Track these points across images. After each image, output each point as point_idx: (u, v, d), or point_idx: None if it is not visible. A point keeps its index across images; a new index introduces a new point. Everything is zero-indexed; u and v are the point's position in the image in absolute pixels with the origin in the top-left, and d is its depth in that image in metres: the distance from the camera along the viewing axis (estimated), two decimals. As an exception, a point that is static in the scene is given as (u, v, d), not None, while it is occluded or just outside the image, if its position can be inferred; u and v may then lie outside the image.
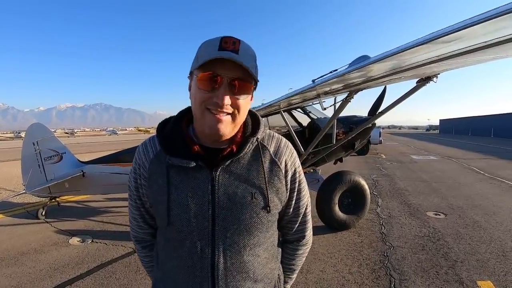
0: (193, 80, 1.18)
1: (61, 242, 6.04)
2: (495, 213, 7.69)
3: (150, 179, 1.31)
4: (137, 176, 1.37)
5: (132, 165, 1.40)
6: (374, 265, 4.93)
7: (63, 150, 7.33)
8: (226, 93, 1.12)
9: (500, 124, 63.16)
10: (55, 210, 8.02)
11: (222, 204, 1.20)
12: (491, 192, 10.23)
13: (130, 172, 1.41)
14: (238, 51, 1.09)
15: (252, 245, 1.27)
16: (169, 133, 1.30)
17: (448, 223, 6.95)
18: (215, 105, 1.13)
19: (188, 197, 1.21)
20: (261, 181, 1.27)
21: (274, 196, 1.29)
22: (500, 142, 42.32)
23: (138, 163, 1.36)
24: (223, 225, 1.20)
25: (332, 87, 4.69)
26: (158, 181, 1.27)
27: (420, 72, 3.73)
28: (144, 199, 1.39)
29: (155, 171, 1.29)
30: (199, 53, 1.15)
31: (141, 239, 1.55)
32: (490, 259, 5.14)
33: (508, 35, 1.92)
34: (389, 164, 17.54)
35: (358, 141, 7.57)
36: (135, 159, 1.38)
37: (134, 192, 1.40)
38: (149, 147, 1.36)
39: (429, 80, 4.06)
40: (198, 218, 1.20)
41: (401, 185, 11.26)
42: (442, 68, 3.57)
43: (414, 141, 46.00)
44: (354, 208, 6.49)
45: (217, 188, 1.21)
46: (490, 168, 15.79)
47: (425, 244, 5.69)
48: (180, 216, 1.21)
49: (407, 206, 8.38)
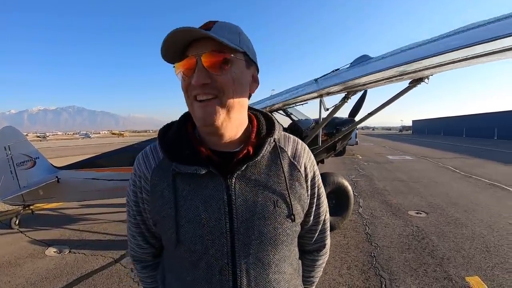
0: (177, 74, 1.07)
1: (36, 254, 5.74)
2: (474, 210, 7.80)
3: (153, 192, 1.12)
4: (136, 190, 1.18)
5: (131, 177, 1.21)
6: (363, 266, 4.88)
7: (36, 155, 7.02)
8: (200, 71, 0.97)
9: (472, 124, 64.81)
10: (29, 218, 7.64)
11: (241, 216, 1.04)
12: (468, 190, 10.40)
13: (129, 185, 1.22)
14: (211, 29, 0.98)
15: (277, 261, 1.10)
16: (173, 138, 1.14)
17: (430, 221, 7.00)
18: (194, 88, 0.99)
19: (201, 210, 1.03)
20: (282, 187, 1.12)
21: (297, 203, 1.14)
22: (472, 141, 43.34)
23: (138, 174, 1.17)
24: (244, 241, 1.04)
25: (336, 89, 4.64)
26: (164, 193, 1.09)
27: (417, 74, 3.73)
28: (145, 215, 1.19)
29: (159, 182, 1.11)
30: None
31: (140, 259, 1.34)
32: (475, 254, 5.19)
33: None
34: (366, 164, 17.70)
35: (340, 142, 7.56)
36: (134, 170, 1.19)
37: (133, 208, 1.21)
38: (150, 156, 1.18)
39: (421, 81, 4.06)
40: (214, 234, 1.02)
41: (380, 185, 11.35)
42: (436, 70, 3.58)
43: (388, 141, 46.73)
44: (338, 209, 6.44)
45: (234, 197, 1.05)
46: (465, 166, 16.10)
47: (410, 243, 5.70)
48: (192, 233, 1.03)
49: (389, 205, 8.41)
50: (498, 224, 6.69)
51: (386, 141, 46.81)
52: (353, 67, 4.22)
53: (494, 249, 5.40)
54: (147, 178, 1.15)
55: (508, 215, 7.34)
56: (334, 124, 7.37)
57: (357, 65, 4.09)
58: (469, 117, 70.31)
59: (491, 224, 6.70)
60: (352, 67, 4.27)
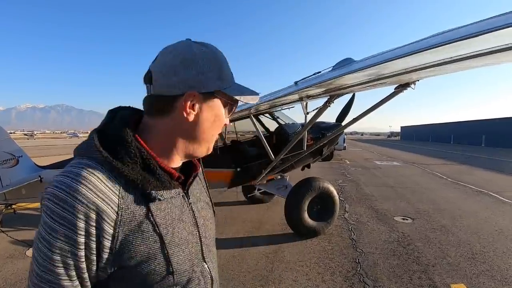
0: (218, 103, 1.03)
1: (17, 254, 5.62)
2: (461, 217, 7.78)
3: (125, 233, 0.89)
4: (89, 240, 0.85)
5: (67, 227, 0.82)
6: (347, 272, 4.80)
7: (19, 154, 6.83)
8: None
9: (460, 131, 65.47)
10: (11, 218, 7.45)
11: (201, 224, 1.12)
12: (455, 196, 10.42)
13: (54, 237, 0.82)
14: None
15: (215, 250, 1.25)
16: (134, 158, 0.91)
17: (416, 227, 6.94)
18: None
19: (182, 230, 1.02)
20: (205, 190, 1.28)
21: (212, 201, 1.30)
22: (460, 148, 43.77)
23: (88, 217, 0.83)
24: (205, 242, 1.12)
25: (316, 91, 4.55)
26: (141, 229, 0.91)
27: (401, 78, 3.65)
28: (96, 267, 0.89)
29: (131, 218, 0.90)
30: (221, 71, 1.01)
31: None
32: (461, 262, 5.15)
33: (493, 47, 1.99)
34: (353, 169, 17.69)
35: (326, 147, 7.48)
36: (75, 212, 0.82)
37: (71, 263, 0.84)
38: (101, 187, 0.86)
39: (407, 86, 3.98)
40: (195, 246, 1.06)
41: (367, 191, 11.31)
42: (422, 75, 3.51)
43: (376, 147, 47.03)
44: (323, 214, 6.37)
45: (194, 208, 1.11)
46: (453, 173, 16.17)
47: (395, 249, 5.63)
48: (182, 256, 1.00)
49: (375, 211, 8.35)
50: (485, 231, 6.67)
51: (375, 147, 47.11)
52: (335, 70, 4.13)
53: (480, 256, 5.36)
54: (111, 218, 0.86)
55: (494, 222, 7.34)
56: (320, 128, 7.29)
57: (339, 68, 4.00)
58: (457, 124, 71.14)
59: (478, 231, 6.67)
60: (334, 69, 4.18)
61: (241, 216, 7.94)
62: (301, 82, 4.64)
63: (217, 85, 0.98)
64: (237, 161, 6.91)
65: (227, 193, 9.77)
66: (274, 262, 5.14)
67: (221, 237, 6.34)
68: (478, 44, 1.90)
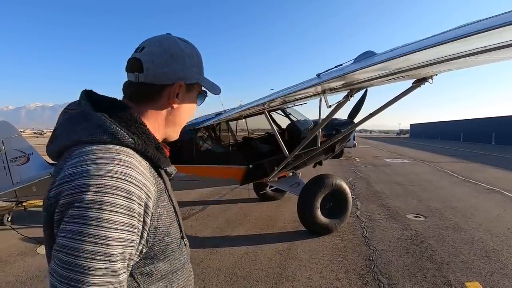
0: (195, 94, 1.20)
1: (28, 251, 5.65)
2: (473, 215, 7.74)
3: (156, 207, 0.92)
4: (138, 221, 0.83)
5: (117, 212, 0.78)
6: (360, 270, 4.80)
7: (30, 151, 6.88)
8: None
9: (469, 129, 64.88)
10: (22, 215, 7.50)
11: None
12: (466, 194, 10.36)
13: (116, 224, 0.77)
14: None
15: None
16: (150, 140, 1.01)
17: (428, 225, 6.92)
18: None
19: (173, 199, 1.11)
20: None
21: None
22: (469, 146, 43.36)
23: (141, 198, 0.84)
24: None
25: (338, 84, 4.50)
26: (164, 202, 0.99)
27: (420, 72, 3.63)
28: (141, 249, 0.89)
29: (159, 193, 0.96)
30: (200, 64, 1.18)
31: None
32: (475, 260, 5.12)
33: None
34: (363, 167, 17.64)
35: (339, 144, 7.46)
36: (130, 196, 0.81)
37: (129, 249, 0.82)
38: (141, 167, 0.90)
39: (425, 81, 3.97)
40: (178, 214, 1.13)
41: (377, 188, 11.28)
42: (440, 69, 3.49)
43: (386, 144, 46.73)
44: (336, 212, 6.36)
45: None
46: (463, 171, 16.06)
47: (409, 247, 5.62)
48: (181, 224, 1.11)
49: (386, 208, 8.34)
50: (497, 229, 6.63)
51: (384, 144, 46.84)
52: (356, 62, 4.11)
53: (494, 254, 5.33)
54: (153, 195, 0.90)
55: (507, 220, 7.30)
56: (334, 125, 7.26)
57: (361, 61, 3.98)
58: (467, 121, 70.43)
59: (490, 229, 6.63)
60: (355, 63, 4.16)
61: (253, 213, 7.95)
62: (323, 75, 4.61)
63: (197, 78, 1.14)
64: (249, 158, 6.91)
65: (239, 190, 9.80)
66: (287, 260, 5.15)
67: (234, 234, 6.38)
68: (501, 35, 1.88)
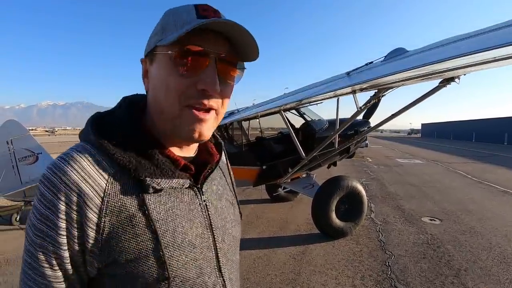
0: (160, 61, 0.83)
1: (36, 252, 5.61)
2: (489, 219, 7.59)
3: (112, 224, 0.79)
4: (70, 226, 0.76)
5: (48, 207, 0.76)
6: (377, 276, 4.70)
7: (39, 150, 6.89)
8: (216, 75, 0.81)
9: (482, 129, 64.34)
10: (30, 215, 7.51)
11: (217, 224, 0.96)
12: (481, 196, 10.19)
13: (43, 222, 0.76)
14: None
15: (238, 260, 1.09)
16: (130, 141, 0.85)
17: (445, 229, 6.79)
18: (200, 96, 0.81)
19: (187, 230, 0.88)
20: (231, 187, 1.14)
21: (238, 201, 1.17)
22: (482, 146, 42.93)
23: (72, 201, 0.76)
24: (223, 248, 0.96)
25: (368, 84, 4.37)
26: (133, 222, 0.80)
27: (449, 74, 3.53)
28: (82, 260, 0.80)
29: (121, 208, 0.80)
30: (166, 24, 0.84)
31: None
32: (493, 266, 5.01)
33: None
34: (376, 167, 17.49)
35: (353, 144, 7.35)
36: (57, 193, 0.76)
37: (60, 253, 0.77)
38: (90, 169, 0.80)
39: (452, 80, 3.86)
40: (204, 252, 0.90)
41: (391, 189, 11.15)
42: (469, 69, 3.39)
43: (397, 144, 46.52)
44: (351, 214, 6.26)
45: (209, 206, 0.96)
46: (477, 172, 15.84)
47: (425, 252, 5.51)
48: (184, 260, 0.85)
49: (401, 211, 8.22)
50: (515, 234, 6.48)
51: (395, 144, 46.64)
52: (387, 62, 3.99)
53: (512, 261, 5.19)
54: (94, 203, 0.78)
55: (524, 225, 7.12)
56: (352, 125, 7.10)
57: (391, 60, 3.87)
58: (479, 121, 69.84)
59: (507, 234, 6.50)
60: (387, 61, 4.04)
61: (266, 215, 7.87)
62: (354, 74, 4.50)
63: (155, 40, 0.84)
64: (263, 158, 6.83)
65: (250, 191, 9.72)
66: (302, 264, 5.08)
67: (246, 237, 6.30)
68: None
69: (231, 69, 0.86)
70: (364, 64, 4.39)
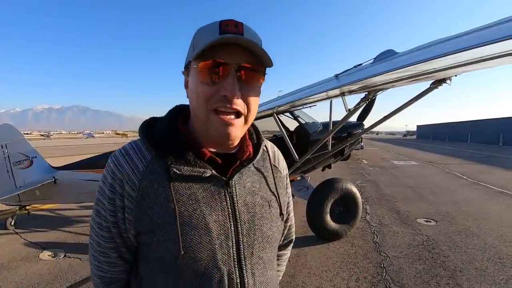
0: (192, 73, 0.99)
1: (31, 257, 5.54)
2: (484, 219, 7.59)
3: (142, 198, 0.99)
4: (115, 197, 1.01)
5: (104, 182, 1.04)
6: (372, 278, 4.66)
7: (33, 154, 6.84)
8: (235, 83, 0.93)
9: (477, 130, 64.69)
10: (25, 219, 7.44)
11: (243, 218, 1.05)
12: (477, 197, 10.19)
13: (100, 192, 1.05)
14: (243, 34, 0.93)
15: (272, 258, 1.17)
16: (165, 136, 1.05)
17: (440, 230, 6.78)
18: (224, 101, 0.94)
19: (206, 214, 0.99)
20: (272, 188, 1.19)
21: (283, 203, 1.23)
22: (477, 147, 43.16)
23: (118, 178, 1.01)
24: (248, 242, 1.05)
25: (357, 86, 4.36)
26: (159, 199, 0.98)
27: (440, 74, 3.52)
28: (123, 227, 1.04)
29: (151, 187, 0.99)
30: (196, 41, 0.98)
31: (112, 280, 1.16)
32: (489, 266, 4.99)
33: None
34: (371, 169, 17.51)
35: (347, 147, 7.34)
36: (111, 173, 1.03)
37: (107, 219, 1.04)
38: (134, 156, 1.04)
39: (444, 82, 3.85)
40: (221, 238, 1.00)
41: (387, 191, 11.15)
42: (461, 70, 3.37)
43: (392, 146, 46.67)
44: (346, 217, 6.24)
45: (236, 199, 1.05)
46: (472, 173, 15.90)
47: (421, 253, 5.49)
48: (198, 240, 0.97)
49: (396, 213, 8.20)
50: (510, 234, 6.49)
51: (391, 146, 46.79)
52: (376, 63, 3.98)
53: (508, 261, 5.19)
54: (133, 182, 1.00)
55: (519, 225, 7.13)
56: (345, 128, 7.11)
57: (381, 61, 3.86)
58: (474, 122, 70.27)
59: (503, 234, 6.49)
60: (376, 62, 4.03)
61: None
62: (342, 76, 4.49)
63: (189, 56, 1.01)
64: None
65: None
66: (296, 267, 5.04)
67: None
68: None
69: (253, 75, 0.97)
70: (353, 66, 4.39)
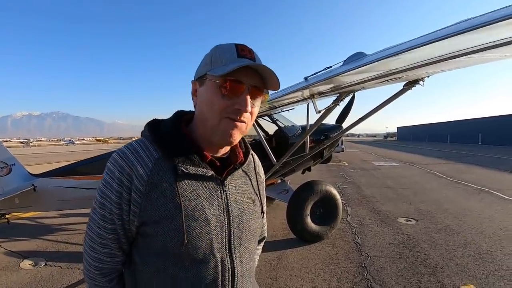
0: (208, 84, 1.12)
1: (11, 266, 5.40)
2: (465, 216, 7.69)
3: (150, 192, 1.10)
4: (123, 190, 1.10)
5: (111, 177, 1.12)
6: (353, 278, 4.65)
7: (12, 162, 6.67)
8: (248, 99, 1.10)
9: (456, 130, 65.79)
10: (5, 228, 7.26)
11: (235, 213, 1.21)
12: (457, 195, 10.34)
13: (106, 185, 1.13)
14: (255, 60, 1.11)
15: (254, 250, 1.33)
16: (170, 138, 1.17)
17: (420, 228, 6.83)
18: (236, 113, 1.10)
19: (206, 209, 1.14)
20: (255, 189, 1.36)
21: (263, 202, 1.40)
22: (456, 147, 43.87)
23: (127, 173, 1.10)
24: (237, 234, 1.20)
25: (327, 87, 4.38)
26: (165, 193, 1.10)
27: (411, 74, 3.53)
28: (126, 219, 1.13)
29: (159, 182, 1.11)
30: (214, 57, 1.13)
31: (110, 271, 1.25)
32: (469, 262, 5.04)
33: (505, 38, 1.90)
34: (352, 171, 17.58)
35: (327, 149, 7.34)
36: (120, 168, 1.11)
37: (113, 210, 1.12)
38: (142, 154, 1.14)
39: (416, 83, 3.88)
40: (217, 229, 1.15)
41: (367, 192, 11.20)
42: (432, 70, 3.39)
43: (374, 148, 47.04)
44: (326, 218, 6.24)
45: (229, 196, 1.21)
46: (452, 172, 16.14)
47: (401, 252, 5.51)
48: (198, 231, 1.11)
49: (377, 213, 8.24)
50: (489, 230, 6.58)
51: (372, 148, 47.16)
52: (345, 65, 3.99)
53: (488, 256, 5.26)
54: (142, 178, 1.10)
55: (498, 221, 7.26)
56: (322, 130, 7.11)
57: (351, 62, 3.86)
58: (453, 123, 71.44)
59: (483, 230, 6.58)
60: (345, 64, 4.04)
61: (242, 222, 7.70)
62: (311, 78, 4.50)
63: (206, 69, 1.12)
64: None
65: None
66: (278, 269, 5.00)
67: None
68: (495, 33, 1.79)
69: (260, 94, 1.15)
70: (323, 68, 4.41)
